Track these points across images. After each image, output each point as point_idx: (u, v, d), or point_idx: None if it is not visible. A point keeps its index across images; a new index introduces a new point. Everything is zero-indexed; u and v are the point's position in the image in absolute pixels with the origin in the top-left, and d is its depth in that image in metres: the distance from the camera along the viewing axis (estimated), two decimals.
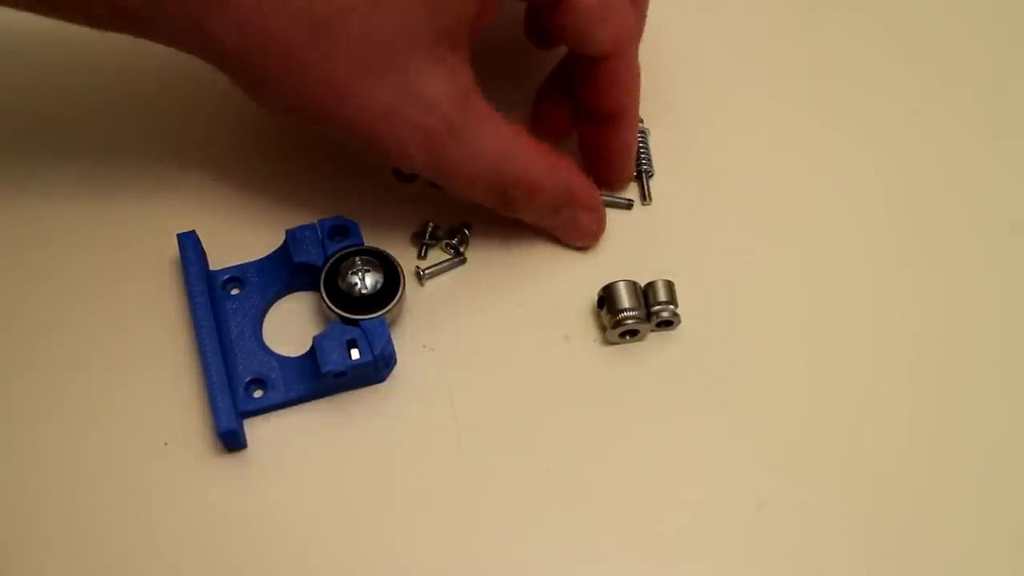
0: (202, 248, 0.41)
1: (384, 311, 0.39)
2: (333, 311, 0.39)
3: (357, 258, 0.40)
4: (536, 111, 0.45)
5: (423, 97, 0.35)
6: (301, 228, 0.41)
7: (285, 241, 0.41)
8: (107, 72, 0.47)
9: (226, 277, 0.41)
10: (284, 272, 0.42)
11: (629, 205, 0.45)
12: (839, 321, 0.42)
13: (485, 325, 0.42)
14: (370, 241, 0.41)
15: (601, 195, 0.44)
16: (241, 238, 0.43)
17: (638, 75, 0.41)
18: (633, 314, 0.40)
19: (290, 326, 0.41)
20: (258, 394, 0.39)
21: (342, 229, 0.41)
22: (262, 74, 0.35)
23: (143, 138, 0.45)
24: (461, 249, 0.43)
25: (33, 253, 0.43)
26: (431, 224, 0.43)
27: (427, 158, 0.37)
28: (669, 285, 0.41)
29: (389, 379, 0.41)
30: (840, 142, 0.47)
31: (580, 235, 0.43)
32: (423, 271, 0.43)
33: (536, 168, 0.39)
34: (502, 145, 0.38)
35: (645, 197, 0.45)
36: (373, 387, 0.40)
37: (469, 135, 0.37)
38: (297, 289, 0.42)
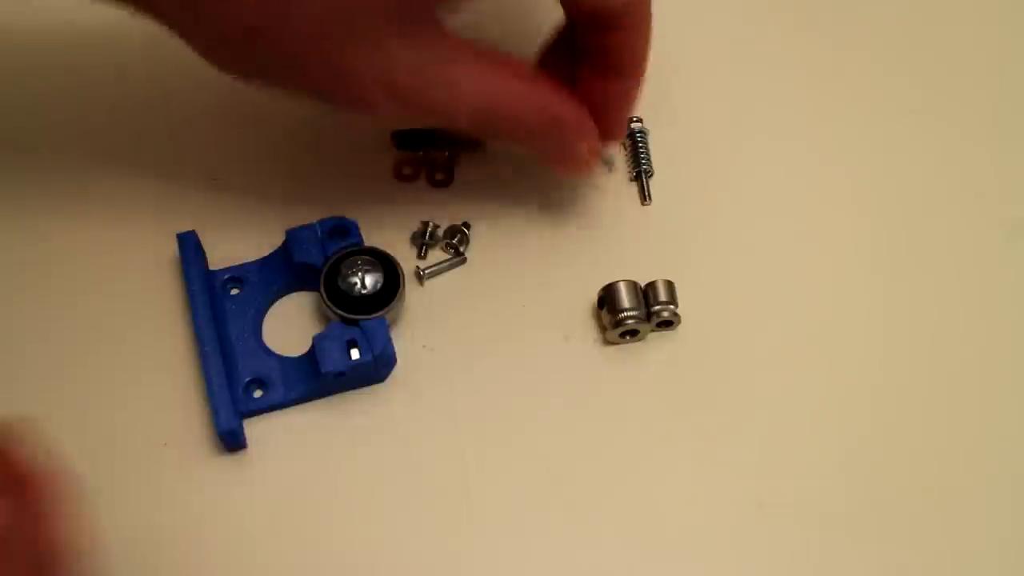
0: (202, 248, 0.41)
1: (384, 311, 0.39)
2: (333, 311, 0.39)
3: (357, 258, 0.40)
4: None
5: (386, 62, 0.35)
6: (301, 228, 0.41)
7: (285, 241, 0.41)
8: (108, 72, 0.47)
9: (226, 277, 0.41)
10: (284, 272, 0.42)
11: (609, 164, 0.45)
12: (839, 321, 0.42)
13: (485, 325, 0.42)
14: (370, 241, 0.41)
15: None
16: (241, 238, 0.43)
17: (650, 29, 0.40)
18: (633, 314, 0.40)
19: (290, 326, 0.41)
20: (258, 394, 0.39)
21: (342, 229, 0.41)
22: (216, 38, 0.35)
23: (143, 138, 0.45)
24: (461, 249, 0.43)
25: (33, 253, 0.43)
26: (431, 224, 0.43)
27: (397, 107, 0.37)
28: (669, 285, 0.41)
29: (389, 379, 0.41)
30: (840, 142, 0.47)
31: (571, 162, 0.41)
32: (423, 271, 0.42)
33: (517, 100, 0.39)
34: (476, 84, 0.38)
35: (645, 197, 0.45)
36: (373, 387, 0.40)
37: (439, 80, 0.37)
38: (297, 289, 0.42)
